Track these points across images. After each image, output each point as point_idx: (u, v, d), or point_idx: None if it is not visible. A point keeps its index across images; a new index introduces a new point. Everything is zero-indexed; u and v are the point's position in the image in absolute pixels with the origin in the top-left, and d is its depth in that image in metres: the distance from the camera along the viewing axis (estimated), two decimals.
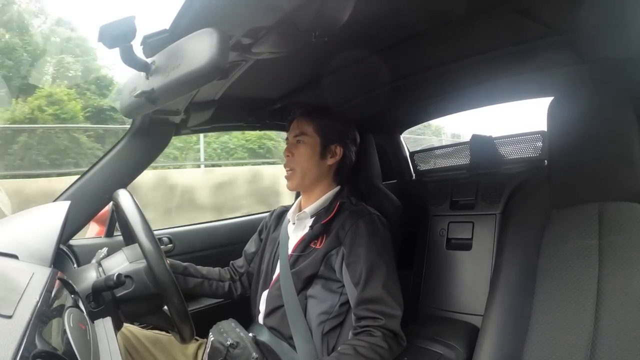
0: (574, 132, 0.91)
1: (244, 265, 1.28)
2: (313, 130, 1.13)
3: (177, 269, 1.17)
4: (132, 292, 0.80)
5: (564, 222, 0.92)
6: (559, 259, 0.89)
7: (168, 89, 0.65)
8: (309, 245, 1.09)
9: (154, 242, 0.77)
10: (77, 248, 1.18)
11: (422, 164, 1.71)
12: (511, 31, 1.00)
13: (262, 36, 0.73)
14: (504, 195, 1.33)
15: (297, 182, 1.14)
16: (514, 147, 1.42)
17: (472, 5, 0.87)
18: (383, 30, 0.95)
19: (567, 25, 0.93)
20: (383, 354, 0.94)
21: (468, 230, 1.38)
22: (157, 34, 0.67)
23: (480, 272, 1.31)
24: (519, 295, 0.90)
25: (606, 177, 0.88)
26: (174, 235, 1.46)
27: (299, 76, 1.21)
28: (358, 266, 1.00)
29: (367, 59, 1.10)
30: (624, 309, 0.78)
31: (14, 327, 0.45)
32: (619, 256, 0.82)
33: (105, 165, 1.16)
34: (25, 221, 0.87)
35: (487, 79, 1.29)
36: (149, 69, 0.68)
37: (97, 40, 0.60)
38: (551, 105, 0.94)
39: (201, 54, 0.58)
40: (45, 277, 0.66)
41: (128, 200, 0.84)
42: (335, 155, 1.14)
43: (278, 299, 1.08)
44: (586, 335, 0.80)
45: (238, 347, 0.97)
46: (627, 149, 0.85)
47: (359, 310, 0.99)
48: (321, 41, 0.75)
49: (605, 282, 0.81)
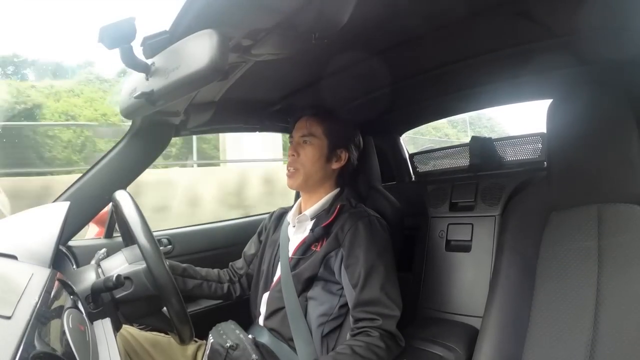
0: (573, 134, 0.91)
1: (243, 267, 1.28)
2: (322, 132, 1.13)
3: (176, 270, 1.16)
4: (131, 294, 0.79)
5: (563, 224, 0.92)
6: (558, 260, 0.89)
7: (168, 90, 0.65)
8: (309, 247, 1.09)
9: (154, 243, 0.77)
10: (77, 249, 1.18)
11: (421, 166, 1.71)
12: (510, 33, 1.00)
13: (262, 38, 0.73)
14: (503, 197, 1.33)
15: (299, 183, 1.13)
16: (513, 148, 1.42)
17: (472, 8, 0.88)
18: (383, 32, 0.95)
19: (566, 28, 0.94)
20: (380, 354, 0.94)
21: (467, 232, 1.38)
22: (157, 35, 0.67)
23: (479, 273, 1.31)
24: (519, 297, 0.90)
25: (605, 179, 0.88)
26: (173, 236, 1.45)
27: (298, 78, 1.21)
28: (357, 268, 1.00)
29: (366, 61, 1.10)
30: (623, 311, 0.78)
31: (13, 328, 0.45)
32: (618, 258, 0.82)
33: (105, 167, 1.16)
34: (24, 222, 0.87)
35: (487, 81, 1.30)
36: (148, 70, 0.68)
37: (97, 41, 0.60)
38: (550, 108, 0.94)
39: (201, 56, 0.58)
40: (45, 278, 0.66)
41: (127, 201, 0.83)
42: (340, 159, 1.14)
43: (279, 301, 1.08)
44: (585, 337, 0.79)
45: (238, 348, 0.97)
46: (626, 151, 0.85)
47: (356, 312, 0.99)
48: (321, 43, 0.75)
49: (604, 284, 0.81)
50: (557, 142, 0.94)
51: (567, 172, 0.92)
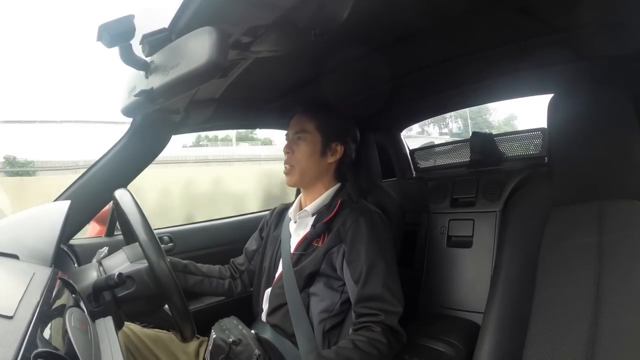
0: (574, 129, 0.90)
1: (244, 263, 1.28)
2: (314, 127, 1.13)
3: (177, 266, 1.17)
4: (133, 293, 0.79)
5: (564, 220, 0.92)
6: (559, 256, 0.88)
7: (167, 88, 0.65)
8: (311, 243, 1.09)
9: (155, 241, 0.77)
10: (78, 247, 1.18)
11: (422, 162, 1.71)
12: (511, 28, 1.00)
13: (261, 34, 0.72)
14: (504, 193, 1.33)
15: (296, 179, 1.13)
16: (514, 144, 1.42)
17: (472, 3, 0.87)
18: (382, 28, 0.94)
19: (567, 23, 0.93)
20: (382, 349, 0.94)
21: (468, 227, 1.38)
22: (156, 33, 0.67)
23: (480, 269, 1.31)
24: (520, 293, 0.90)
25: (606, 175, 0.88)
26: (174, 234, 1.46)
27: (298, 74, 1.21)
28: (358, 263, 1.00)
29: (366, 57, 1.10)
30: (624, 306, 0.78)
31: (15, 328, 0.45)
32: (619, 254, 0.82)
33: (106, 165, 1.16)
34: (25, 221, 0.87)
35: (487, 76, 1.29)
36: (148, 68, 0.68)
37: (96, 40, 0.60)
38: (551, 103, 0.94)
39: (200, 53, 0.58)
40: (46, 277, 0.66)
41: (128, 199, 0.83)
42: (335, 153, 1.14)
43: (281, 297, 1.08)
44: (586, 333, 0.80)
45: (240, 344, 0.97)
46: (627, 146, 0.85)
47: (358, 308, 0.99)
48: (321, 39, 0.75)
49: (605, 280, 0.81)
50: (557, 138, 0.93)
51: (568, 168, 0.92)
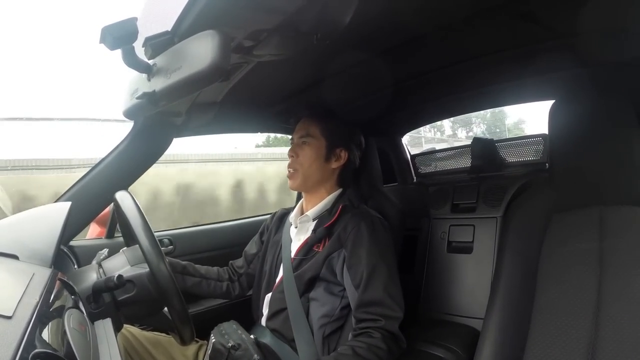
0: (575, 135, 0.90)
1: (243, 266, 1.28)
2: (320, 132, 1.13)
3: (176, 267, 1.16)
4: (133, 297, 0.79)
5: (565, 226, 0.91)
6: (560, 262, 0.88)
7: (170, 91, 0.65)
8: (312, 248, 1.09)
9: (155, 243, 0.77)
10: (78, 249, 1.18)
11: (423, 167, 1.71)
12: (512, 34, 1.00)
13: (263, 38, 0.73)
14: (505, 199, 1.33)
15: (299, 183, 1.13)
16: (515, 150, 1.42)
17: (474, 9, 0.87)
18: (385, 33, 0.95)
19: (569, 29, 0.93)
20: (382, 355, 0.93)
21: (469, 233, 1.38)
22: (159, 36, 0.67)
23: (481, 275, 1.31)
24: (520, 299, 0.90)
25: (607, 181, 0.88)
26: (174, 236, 1.45)
27: (300, 78, 1.21)
28: (359, 268, 1.00)
29: (368, 62, 1.10)
30: (624, 313, 0.77)
31: (14, 328, 0.45)
32: (619, 260, 0.81)
33: (107, 167, 1.16)
34: (25, 221, 0.87)
35: (489, 82, 1.30)
36: (150, 70, 0.68)
37: (99, 42, 0.60)
38: (552, 109, 0.94)
39: (203, 56, 0.58)
40: (46, 277, 0.66)
41: (129, 201, 0.83)
42: (340, 159, 1.14)
43: (281, 302, 1.08)
44: (586, 339, 0.79)
45: (240, 348, 0.97)
46: (628, 152, 0.85)
47: (359, 313, 0.98)
48: (323, 44, 0.75)
49: (605, 286, 0.81)
50: (558, 144, 0.93)
51: (569, 174, 0.92)
